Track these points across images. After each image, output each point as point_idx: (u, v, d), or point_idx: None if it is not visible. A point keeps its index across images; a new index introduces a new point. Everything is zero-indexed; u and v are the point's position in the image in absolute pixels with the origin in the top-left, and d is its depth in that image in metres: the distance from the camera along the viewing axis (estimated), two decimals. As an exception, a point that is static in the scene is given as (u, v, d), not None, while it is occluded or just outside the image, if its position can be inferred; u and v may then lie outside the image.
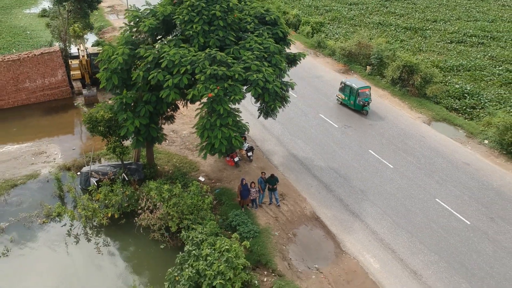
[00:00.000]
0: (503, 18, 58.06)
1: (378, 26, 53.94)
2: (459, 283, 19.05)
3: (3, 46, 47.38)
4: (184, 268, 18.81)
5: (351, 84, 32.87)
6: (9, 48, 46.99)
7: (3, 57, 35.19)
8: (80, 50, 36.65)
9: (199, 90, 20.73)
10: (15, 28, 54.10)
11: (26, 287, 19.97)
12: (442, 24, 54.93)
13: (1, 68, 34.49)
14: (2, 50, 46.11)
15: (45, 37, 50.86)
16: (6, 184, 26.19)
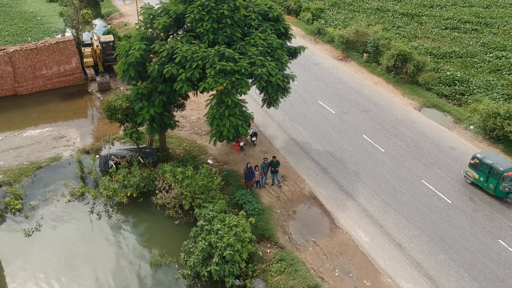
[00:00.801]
0: (497, 3, 59.76)
1: (376, 12, 55.74)
2: (438, 254, 21.81)
3: (16, 32, 49.50)
4: (197, 241, 21.56)
5: (493, 164, 24.81)
6: (22, 34, 49.13)
7: (21, 46, 37.47)
8: (94, 40, 38.81)
9: (210, 84, 23.15)
10: (25, 13, 56.03)
11: (57, 257, 22.73)
12: (438, 10, 56.71)
13: (20, 56, 36.78)
14: (16, 37, 48.30)
15: (55, 23, 52.99)
16: (32, 166, 28.80)
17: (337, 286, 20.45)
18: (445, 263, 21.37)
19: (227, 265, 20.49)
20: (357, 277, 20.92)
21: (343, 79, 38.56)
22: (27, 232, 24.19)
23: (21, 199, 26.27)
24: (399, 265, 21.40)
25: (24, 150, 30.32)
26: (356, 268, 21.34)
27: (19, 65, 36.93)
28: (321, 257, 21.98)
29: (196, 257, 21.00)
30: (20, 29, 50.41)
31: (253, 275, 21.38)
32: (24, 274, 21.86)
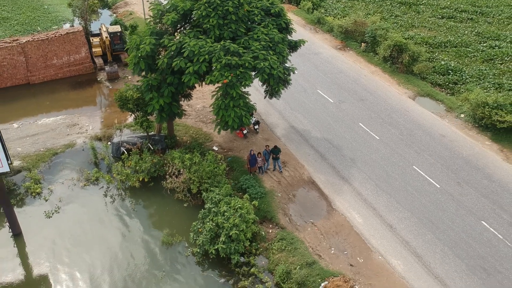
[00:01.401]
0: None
1: (375, 1, 56.93)
2: (425, 234, 23.82)
3: (25, 21, 50.94)
4: (205, 222, 23.61)
5: None
6: (31, 23, 50.59)
7: (33, 36, 39.10)
8: (103, 31, 40.37)
9: (216, 77, 24.93)
10: (32, 2, 57.21)
11: (76, 236, 24.78)
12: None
13: (32, 47, 38.42)
14: (25, 26, 49.78)
15: (62, 12, 54.41)
16: (48, 153, 30.71)
17: (333, 262, 22.52)
18: (431, 242, 23.40)
19: (233, 244, 22.56)
20: (351, 254, 22.99)
21: (341, 68, 40.22)
22: (48, 214, 26.25)
23: (40, 184, 28.26)
24: (389, 244, 23.44)
25: (40, 137, 32.18)
26: (351, 247, 23.40)
27: (31, 55, 38.58)
28: (319, 236, 24.01)
29: (205, 237, 23.06)
30: (28, 18, 51.80)
31: (257, 252, 23.47)
32: (46, 252, 23.92)
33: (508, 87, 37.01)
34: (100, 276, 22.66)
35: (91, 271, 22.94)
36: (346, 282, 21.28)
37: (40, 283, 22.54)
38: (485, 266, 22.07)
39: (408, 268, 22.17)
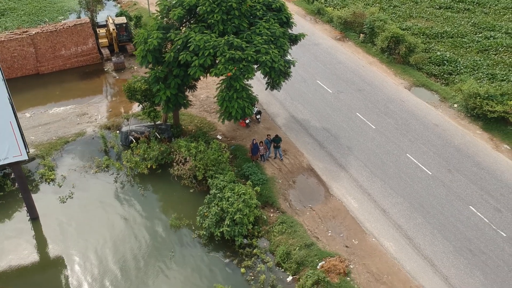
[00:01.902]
0: (492, -18, 61.72)
1: (374, -9, 58.00)
2: (416, 218, 25.50)
3: (32, 12, 52.08)
4: (211, 207, 25.28)
5: None
6: (37, 13, 51.74)
7: (42, 28, 40.40)
8: (109, 23, 41.63)
9: (220, 70, 26.38)
10: (38, -9, 58.29)
11: (89, 220, 26.46)
12: (433, -11, 58.88)
13: (41, 38, 39.76)
14: (31, 16, 50.97)
15: (67, 1, 55.48)
16: (60, 141, 32.29)
17: (330, 244, 24.23)
18: (422, 225, 25.08)
19: (236, 227, 24.24)
20: (347, 236, 24.69)
21: (340, 59, 41.58)
22: (62, 199, 27.91)
23: (54, 170, 29.89)
24: (382, 227, 25.13)
25: (52, 126, 33.73)
26: (346, 230, 25.09)
27: (40, 46, 39.93)
28: (317, 220, 25.70)
29: (210, 220, 24.75)
30: (35, 8, 52.91)
31: (259, 235, 25.20)
32: (61, 235, 25.64)
33: (500, 78, 38.42)
34: (112, 257, 24.38)
35: (103, 252, 24.66)
36: (341, 262, 22.99)
37: (56, 264, 24.26)
38: (471, 248, 23.77)
39: (399, 249, 23.88)
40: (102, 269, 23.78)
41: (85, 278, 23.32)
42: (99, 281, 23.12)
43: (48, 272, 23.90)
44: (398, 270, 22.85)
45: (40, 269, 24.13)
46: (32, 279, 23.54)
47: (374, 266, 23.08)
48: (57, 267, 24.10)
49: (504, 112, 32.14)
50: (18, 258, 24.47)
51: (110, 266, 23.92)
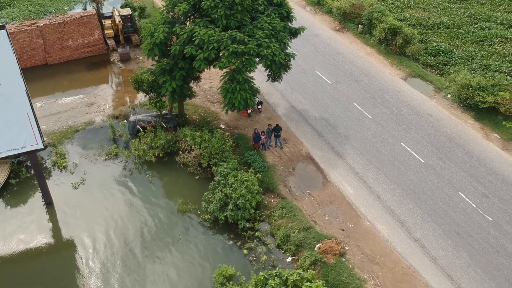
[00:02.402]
0: (489, -29, 62.45)
1: (374, -19, 58.93)
2: (408, 204, 27.13)
3: (38, 2, 53.25)
4: (215, 192, 26.90)
5: None
6: (43, 4, 52.90)
7: (50, 20, 41.67)
8: (115, 15, 42.84)
9: (224, 63, 27.81)
10: (43, -18, 59.26)
11: (101, 205, 28.12)
12: (431, -21, 59.74)
13: (49, 30, 41.05)
14: (38, 7, 52.15)
15: (72, -8, 56.47)
16: (71, 130, 33.83)
17: (327, 227, 25.91)
18: (413, 210, 26.73)
19: (239, 211, 25.90)
20: (343, 220, 26.36)
21: (339, 50, 42.88)
22: (74, 185, 29.54)
23: (65, 158, 31.47)
24: (376, 211, 26.78)
25: (62, 115, 35.24)
26: (342, 214, 26.75)
27: (48, 37, 41.23)
28: (314, 205, 27.35)
29: (215, 205, 26.40)
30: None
31: (260, 219, 26.86)
32: (74, 218, 27.33)
33: (494, 68, 39.73)
34: (123, 238, 26.07)
35: (114, 234, 26.34)
36: (337, 244, 24.67)
37: (69, 245, 25.96)
38: (458, 231, 25.43)
39: (391, 233, 25.55)
40: (113, 250, 25.48)
41: (97, 258, 25.04)
42: (111, 261, 24.83)
43: (61, 253, 25.65)
44: (390, 251, 24.54)
45: (55, 250, 25.87)
46: (46, 260, 25.28)
47: (368, 247, 24.76)
48: (70, 248, 25.79)
49: (495, 103, 33.55)
50: (33, 239, 26.17)
51: (121, 247, 25.62)
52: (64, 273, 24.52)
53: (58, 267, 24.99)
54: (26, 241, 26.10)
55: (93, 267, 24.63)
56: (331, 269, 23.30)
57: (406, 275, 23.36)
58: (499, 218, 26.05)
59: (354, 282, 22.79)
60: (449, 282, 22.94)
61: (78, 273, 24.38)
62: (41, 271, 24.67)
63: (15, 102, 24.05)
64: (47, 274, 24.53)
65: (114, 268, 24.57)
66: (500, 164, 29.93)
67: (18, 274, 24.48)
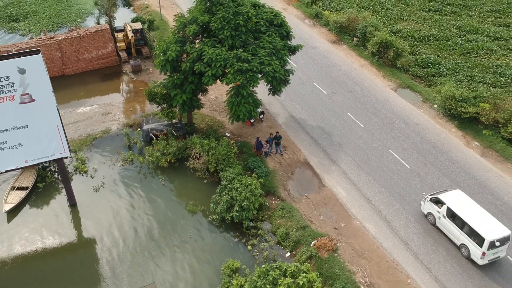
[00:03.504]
0: (479, -18, 65.35)
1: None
2: (394, 205, 30.40)
3: (52, 14, 56.63)
4: (222, 195, 30.21)
5: None
6: (57, 16, 56.33)
7: (66, 34, 45.00)
8: (128, 30, 46.16)
9: (230, 79, 31.14)
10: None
11: (119, 206, 31.42)
12: (424, -9, 62.79)
13: (66, 43, 44.41)
14: (52, 19, 55.60)
15: (83, 4, 59.95)
16: (89, 138, 37.15)
17: (321, 226, 29.23)
18: (398, 211, 30.02)
19: (244, 212, 29.22)
20: (336, 220, 29.68)
21: (335, 62, 46.19)
22: (95, 189, 32.86)
23: (86, 164, 34.80)
24: (366, 212, 30.09)
25: (81, 124, 38.56)
26: (335, 214, 30.07)
27: (66, 50, 44.59)
28: (311, 206, 30.67)
29: (222, 206, 29.72)
30: (54, 11, 57.46)
31: (262, 219, 30.20)
32: (96, 218, 30.64)
33: (478, 80, 42.98)
34: (139, 235, 29.36)
35: (131, 232, 29.62)
36: (330, 241, 27.99)
37: (92, 242, 29.24)
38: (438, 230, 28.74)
39: (378, 231, 28.86)
40: (131, 245, 28.77)
41: (116, 252, 28.32)
42: (129, 255, 28.12)
43: (86, 249, 28.92)
44: (377, 247, 27.85)
45: (80, 246, 29.16)
46: (71, 255, 28.57)
47: (357, 244, 28.07)
48: (94, 244, 29.07)
49: (476, 113, 36.83)
50: (60, 237, 29.50)
51: (138, 243, 28.93)
52: (88, 266, 27.76)
53: (81, 261, 28.16)
54: (54, 237, 29.39)
55: (115, 257, 27.92)
56: (325, 263, 26.61)
57: (390, 268, 26.67)
58: (474, 218, 29.31)
59: (345, 274, 26.08)
60: (428, 274, 26.24)
61: (101, 264, 27.66)
62: (66, 265, 27.94)
63: (47, 116, 27.38)
64: (72, 267, 27.77)
65: (132, 257, 27.89)
66: (478, 169, 33.22)
67: (47, 267, 27.80)
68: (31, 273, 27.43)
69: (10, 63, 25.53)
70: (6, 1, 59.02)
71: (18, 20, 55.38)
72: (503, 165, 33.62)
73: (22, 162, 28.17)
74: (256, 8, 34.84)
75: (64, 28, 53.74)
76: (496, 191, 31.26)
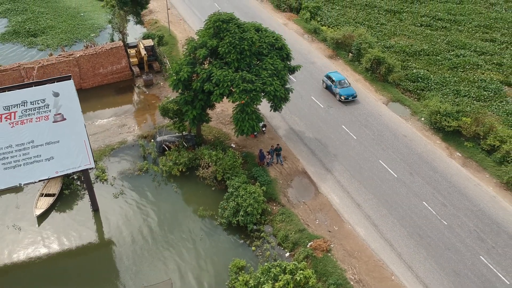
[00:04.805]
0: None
1: (365, 8, 65.77)
2: (381, 211, 34.19)
3: (67, 29, 60.50)
4: (229, 202, 34.05)
5: None
6: (72, 31, 60.12)
7: (84, 51, 48.88)
8: (141, 48, 50.01)
9: (236, 98, 35.00)
10: (68, 9, 66.53)
11: (136, 211, 35.25)
12: (417, 6, 66.41)
13: (84, 60, 48.28)
14: (68, 34, 59.45)
15: (96, 19, 63.80)
16: (108, 148, 40.99)
17: (317, 229, 33.05)
18: (385, 216, 33.81)
19: (248, 217, 33.03)
20: (330, 224, 33.49)
21: (331, 76, 49.92)
22: (115, 195, 36.70)
23: (106, 172, 38.64)
24: (356, 217, 33.88)
25: (99, 136, 42.41)
26: (329, 219, 33.87)
27: (83, 66, 48.46)
28: (308, 212, 34.49)
29: (229, 212, 33.55)
30: (69, 26, 61.29)
31: (265, 222, 34.02)
32: (116, 222, 34.47)
33: (463, 94, 46.77)
34: (156, 237, 33.17)
35: (149, 234, 33.42)
36: (325, 242, 31.79)
37: (112, 243, 33.01)
38: (420, 233, 32.52)
39: (368, 234, 32.65)
40: (147, 245, 32.58)
41: (135, 252, 32.09)
42: (146, 254, 31.94)
43: (107, 248, 32.72)
44: (365, 248, 31.65)
45: (102, 246, 32.99)
46: (94, 254, 32.43)
47: (349, 245, 31.87)
48: (114, 244, 32.85)
49: (458, 126, 40.58)
50: (85, 238, 33.35)
51: (154, 243, 32.75)
52: (109, 264, 31.55)
53: (103, 259, 31.92)
54: (79, 240, 33.25)
55: (134, 256, 31.72)
56: (320, 262, 30.42)
57: (377, 266, 30.48)
58: (452, 222, 33.12)
59: (337, 271, 29.88)
60: (410, 272, 30.03)
61: (121, 262, 31.47)
62: (89, 262, 31.81)
63: (76, 132, 31.22)
64: (94, 264, 31.60)
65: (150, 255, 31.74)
66: (459, 178, 37.00)
67: (73, 264, 31.64)
68: (59, 269, 31.32)
69: (46, 88, 29.40)
70: (24, 17, 62.95)
71: (36, 35, 59.23)
72: (481, 174, 37.39)
73: (53, 173, 32.02)
74: (259, 32, 38.63)
75: (79, 43, 57.60)
76: (473, 198, 35.02)
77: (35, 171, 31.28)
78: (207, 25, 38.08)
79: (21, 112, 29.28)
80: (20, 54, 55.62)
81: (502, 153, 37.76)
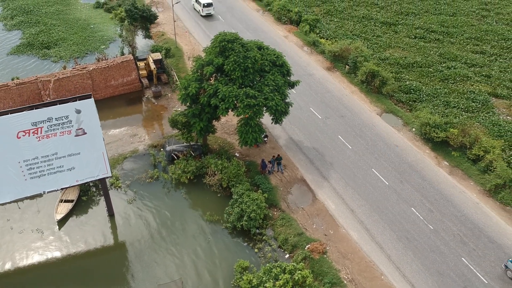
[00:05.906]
0: (462, 11, 71.68)
1: (361, 20, 68.86)
2: (373, 216, 37.32)
3: (78, 41, 63.64)
4: (234, 207, 37.21)
5: None
6: (83, 43, 63.21)
7: (96, 64, 52.07)
8: (150, 62, 53.19)
9: (240, 112, 38.18)
10: (79, 21, 69.67)
11: (150, 216, 38.39)
12: (411, 18, 69.48)
13: (97, 72, 51.44)
14: (79, 46, 62.54)
15: (105, 31, 66.93)
16: (120, 157, 44.15)
17: (314, 233, 36.20)
18: (377, 221, 36.95)
19: (251, 221, 36.18)
20: (326, 228, 36.63)
21: (329, 88, 53.12)
22: (129, 201, 39.87)
23: (119, 180, 41.81)
24: (350, 222, 37.03)
25: (112, 145, 45.57)
26: (326, 223, 37.02)
27: (96, 78, 51.63)
28: (306, 217, 37.65)
29: (234, 217, 36.72)
30: (80, 38, 64.40)
31: (266, 227, 37.17)
32: (131, 226, 37.62)
33: (453, 105, 49.88)
34: (166, 240, 36.29)
35: (161, 237, 36.53)
36: (321, 245, 34.93)
37: (127, 245, 36.10)
38: (408, 236, 35.66)
39: (360, 237, 35.79)
40: (159, 247, 35.69)
41: (147, 253, 35.24)
42: (158, 255, 35.08)
43: (122, 250, 35.85)
44: (358, 250, 34.79)
45: (117, 248, 36.15)
46: (110, 255, 35.59)
47: (343, 248, 35.03)
48: (129, 246, 35.94)
49: (446, 137, 43.71)
50: (101, 240, 36.52)
51: (164, 245, 35.88)
52: (123, 264, 34.66)
53: (118, 260, 35.00)
54: (96, 241, 36.42)
55: (147, 257, 34.83)
56: (316, 263, 33.56)
57: (368, 267, 33.63)
58: (438, 227, 36.26)
59: (332, 272, 33.03)
60: (398, 272, 33.18)
61: (135, 262, 34.62)
62: (106, 262, 34.95)
63: (95, 145, 34.38)
64: (110, 265, 34.72)
65: (161, 256, 34.89)
66: (446, 185, 40.13)
67: (91, 265, 34.79)
68: (79, 269, 34.47)
69: (70, 106, 32.58)
70: (37, 29, 66.12)
71: (49, 47, 62.37)
72: (466, 182, 40.53)
73: (74, 181, 35.21)
74: (261, 50, 41.79)
75: (90, 55, 60.78)
76: (458, 204, 38.16)
77: (58, 180, 34.44)
78: (213, 43, 41.25)
79: (46, 128, 32.45)
80: (36, 66, 58.72)
81: (486, 162, 40.87)
